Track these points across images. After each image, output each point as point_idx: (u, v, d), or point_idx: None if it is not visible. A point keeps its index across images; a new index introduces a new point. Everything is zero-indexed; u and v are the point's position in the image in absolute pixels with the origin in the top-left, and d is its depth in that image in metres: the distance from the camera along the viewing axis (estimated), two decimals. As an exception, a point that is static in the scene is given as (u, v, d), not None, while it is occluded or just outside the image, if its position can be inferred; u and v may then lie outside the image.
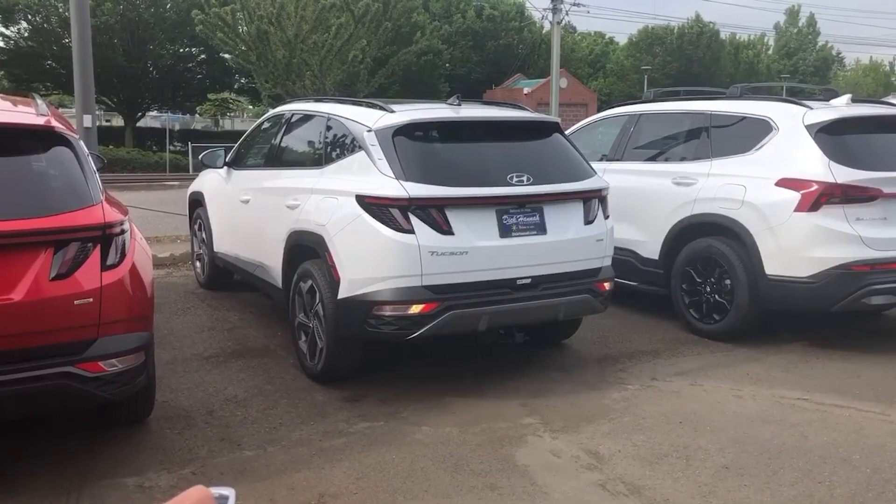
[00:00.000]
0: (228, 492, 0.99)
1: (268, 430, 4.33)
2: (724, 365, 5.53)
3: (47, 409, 3.81)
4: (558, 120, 5.52)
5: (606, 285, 5.21)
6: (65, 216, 3.47)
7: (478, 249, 4.65)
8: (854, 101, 6.32)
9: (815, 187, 5.48)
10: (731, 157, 6.11)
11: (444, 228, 4.60)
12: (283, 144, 6.29)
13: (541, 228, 4.90)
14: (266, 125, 6.90)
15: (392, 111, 5.00)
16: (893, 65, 70.80)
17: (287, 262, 5.43)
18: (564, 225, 5.01)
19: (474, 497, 3.54)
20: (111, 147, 30.08)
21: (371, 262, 4.63)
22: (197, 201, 7.74)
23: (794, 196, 5.55)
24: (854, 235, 5.44)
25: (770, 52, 65.79)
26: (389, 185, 4.60)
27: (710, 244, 6.08)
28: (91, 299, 3.48)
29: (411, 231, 4.53)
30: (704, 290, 6.16)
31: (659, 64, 49.78)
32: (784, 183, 5.64)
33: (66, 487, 3.60)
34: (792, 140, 5.74)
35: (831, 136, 5.66)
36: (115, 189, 4.41)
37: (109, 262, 3.57)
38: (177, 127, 44.20)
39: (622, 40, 58.19)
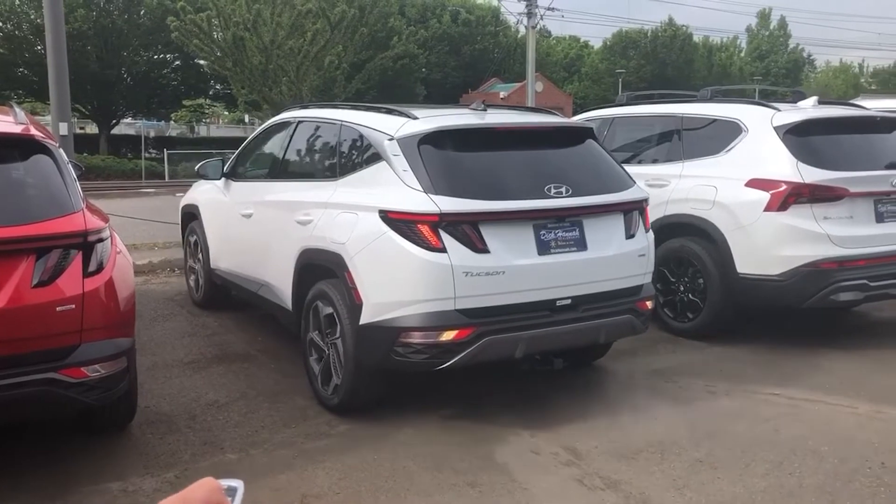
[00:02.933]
0: (237, 483, 0.99)
1: (250, 434, 4.37)
2: (699, 362, 5.65)
3: (31, 415, 3.84)
4: (593, 126, 5.22)
5: (648, 304, 4.86)
6: (46, 224, 3.50)
7: (515, 269, 4.26)
8: (821, 102, 6.48)
9: (783, 187, 5.61)
10: (703, 158, 6.25)
11: (479, 246, 4.20)
12: (289, 154, 5.85)
13: (581, 244, 4.53)
14: (269, 134, 6.43)
15: (415, 118, 4.61)
16: (863, 67, 72.01)
17: (298, 282, 5.02)
18: (605, 240, 4.64)
19: (455, 494, 3.61)
20: (85, 155, 29.79)
21: (398, 284, 4.22)
22: (191, 214, 7.30)
23: (763, 196, 5.69)
24: (822, 234, 5.58)
25: (742, 54, 66.69)
26: (417, 200, 4.20)
27: (683, 244, 6.20)
28: (73, 306, 3.51)
29: (443, 250, 4.12)
30: (678, 289, 6.28)
31: (633, 67, 50.28)
32: (754, 183, 5.77)
33: (49, 493, 3.63)
34: (761, 141, 5.88)
35: (799, 137, 5.80)
36: (90, 197, 4.41)
37: (91, 268, 3.61)
38: (151, 134, 43.84)
39: (597, 44, 58.67)
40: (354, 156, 4.90)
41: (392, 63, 27.74)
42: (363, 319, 4.31)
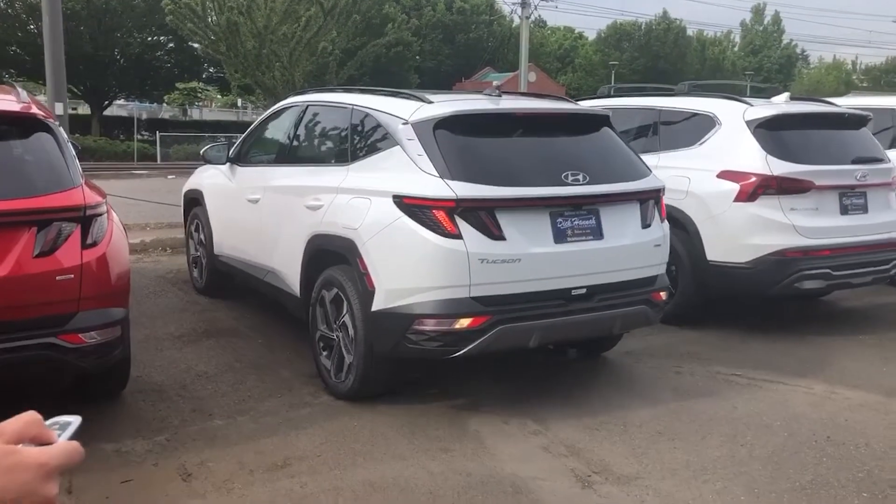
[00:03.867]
0: (73, 418, 0.92)
1: (237, 402, 4.61)
2: (669, 345, 5.91)
3: (31, 377, 4.07)
4: (609, 113, 5.17)
5: (663, 295, 4.84)
6: (47, 198, 3.72)
7: (531, 256, 4.21)
8: (792, 98, 6.73)
9: (753, 179, 5.87)
10: (678, 150, 6.49)
11: (495, 233, 4.14)
12: (298, 138, 5.80)
13: (597, 233, 4.48)
14: (276, 118, 6.31)
15: (430, 102, 4.55)
16: (856, 64, 72.37)
17: (307, 268, 4.96)
18: (621, 229, 4.59)
19: (428, 458, 3.86)
20: (77, 135, 29.82)
21: (412, 270, 4.18)
22: (194, 200, 7.18)
23: (733, 187, 5.94)
24: (788, 224, 5.84)
25: (736, 49, 66.93)
26: (433, 185, 4.15)
27: (658, 232, 6.45)
28: (72, 275, 3.74)
29: (458, 236, 4.08)
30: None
31: (627, 59, 50.50)
32: (725, 175, 6.02)
33: (47, 451, 3.85)
34: (733, 135, 6.13)
35: (769, 131, 6.05)
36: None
37: (89, 241, 3.83)
38: (144, 116, 43.85)
39: (591, 35, 58.83)
40: (367, 140, 4.85)
41: (385, 50, 27.89)
42: (375, 306, 4.26)
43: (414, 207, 4.16)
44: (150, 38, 37.42)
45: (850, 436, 4.17)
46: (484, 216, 4.14)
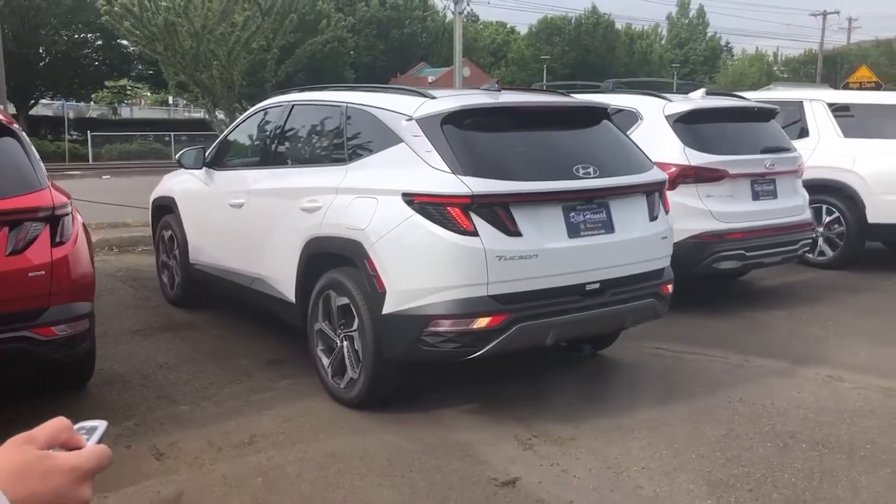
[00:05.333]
0: (99, 423, 0.93)
1: (199, 389, 4.88)
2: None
3: (5, 369, 4.28)
4: (608, 105, 5.21)
5: (669, 287, 4.86)
6: (17, 199, 3.95)
7: (547, 252, 4.16)
8: (708, 94, 7.29)
9: (672, 169, 6.37)
10: (606, 143, 6.97)
11: (511, 229, 4.08)
12: (286, 140, 5.62)
13: (608, 227, 4.46)
14: (257, 120, 6.11)
15: (433, 97, 4.49)
16: (777, 55, 75.08)
17: (303, 272, 4.80)
18: (630, 222, 4.59)
19: (385, 431, 4.21)
20: (4, 136, 29.06)
21: (426, 269, 4.07)
22: (165, 207, 6.86)
23: (656, 177, 6.44)
24: (705, 210, 6.38)
25: (663, 42, 68.74)
26: (445, 181, 4.05)
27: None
28: (43, 272, 3.97)
29: (475, 233, 3.99)
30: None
31: (558, 54, 51.48)
32: (648, 166, 6.52)
33: (22, 439, 4.07)
34: (654, 128, 6.64)
35: (686, 125, 6.58)
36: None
37: (58, 239, 4.06)
38: (71, 115, 42.82)
39: (523, 30, 59.74)
40: (366, 138, 4.74)
41: (321, 46, 27.95)
42: (387, 308, 4.13)
43: (426, 205, 4.06)
44: (77, 36, 36.61)
45: (759, 397, 4.68)
46: (500, 212, 4.07)
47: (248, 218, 5.53)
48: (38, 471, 0.79)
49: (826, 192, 8.24)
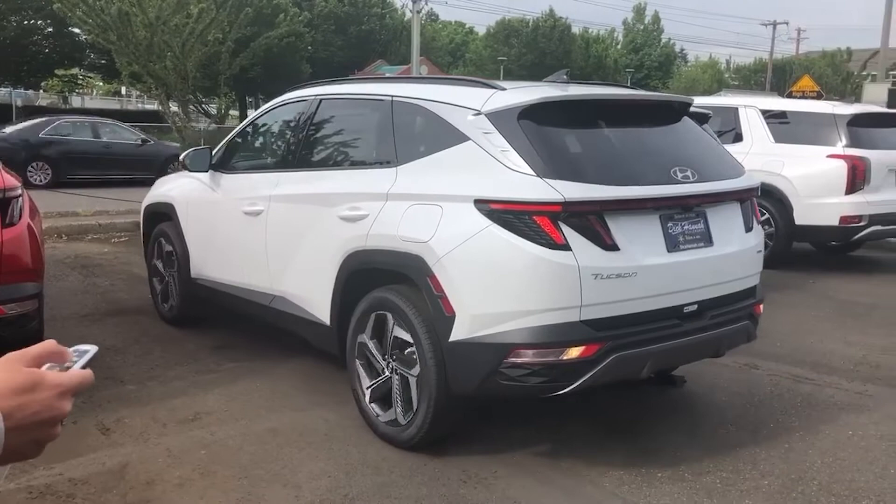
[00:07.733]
0: (90, 347, 1.00)
1: (146, 371, 5.04)
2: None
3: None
4: (692, 99, 4.50)
5: (761, 308, 4.35)
6: (-31, 181, 4.06)
7: (646, 269, 3.58)
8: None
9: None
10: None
11: (608, 242, 3.48)
12: (313, 139, 4.93)
13: (707, 239, 3.90)
14: (275, 117, 5.45)
15: (503, 89, 3.90)
16: (730, 63, 76.82)
17: (343, 290, 4.20)
18: (728, 233, 4.05)
19: (325, 409, 4.42)
20: (-51, 123, 28.40)
21: (507, 290, 3.49)
22: (162, 215, 6.08)
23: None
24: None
25: (619, 46, 69.85)
26: (530, 185, 3.46)
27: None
28: (-7, 252, 4.10)
29: (566, 247, 3.40)
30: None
31: (515, 55, 52.11)
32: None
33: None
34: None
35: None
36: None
37: (8, 220, 4.19)
38: (19, 103, 41.89)
39: (481, 31, 60.24)
40: (420, 136, 4.17)
41: (278, 40, 27.91)
42: (456, 335, 3.55)
43: (506, 213, 3.47)
44: (26, 22, 35.83)
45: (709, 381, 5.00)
46: (594, 221, 3.47)
47: (268, 227, 4.86)
48: (27, 385, 0.91)
49: (757, 194, 8.65)
